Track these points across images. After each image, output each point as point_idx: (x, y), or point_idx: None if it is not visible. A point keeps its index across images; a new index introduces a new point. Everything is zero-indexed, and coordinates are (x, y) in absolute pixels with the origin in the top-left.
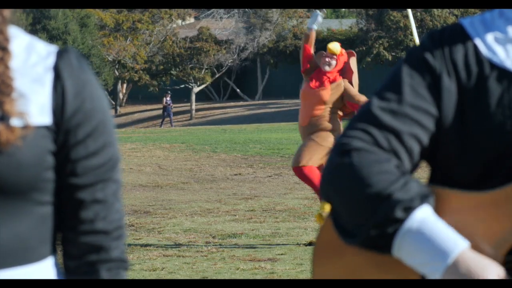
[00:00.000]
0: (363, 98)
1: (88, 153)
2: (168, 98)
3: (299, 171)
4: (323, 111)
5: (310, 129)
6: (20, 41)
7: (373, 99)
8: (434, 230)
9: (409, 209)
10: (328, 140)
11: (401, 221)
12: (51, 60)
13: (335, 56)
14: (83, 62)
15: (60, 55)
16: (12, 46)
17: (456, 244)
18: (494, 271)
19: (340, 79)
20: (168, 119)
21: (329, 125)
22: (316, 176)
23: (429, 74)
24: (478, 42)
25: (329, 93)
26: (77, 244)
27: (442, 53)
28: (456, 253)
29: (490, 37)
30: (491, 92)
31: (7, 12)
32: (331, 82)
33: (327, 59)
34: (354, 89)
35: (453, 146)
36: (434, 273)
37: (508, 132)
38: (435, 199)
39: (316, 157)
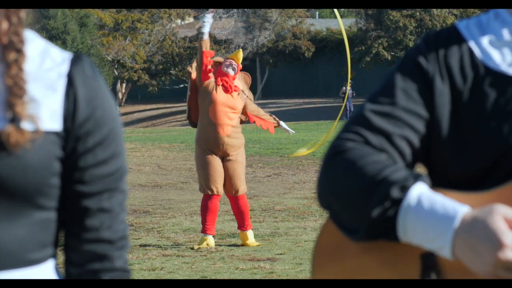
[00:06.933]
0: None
1: (96, 162)
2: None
3: None
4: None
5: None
6: (35, 45)
7: (366, 103)
8: (433, 202)
9: (404, 188)
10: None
11: (399, 201)
12: (65, 67)
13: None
14: (96, 70)
15: (74, 62)
16: (27, 50)
17: (456, 209)
18: (498, 210)
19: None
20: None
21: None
22: None
23: (422, 78)
24: (473, 45)
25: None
26: (81, 251)
27: (436, 56)
28: (460, 216)
29: (485, 41)
30: (487, 96)
31: (23, 14)
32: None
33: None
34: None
35: (449, 149)
36: (444, 246)
37: (504, 135)
38: None
39: None
